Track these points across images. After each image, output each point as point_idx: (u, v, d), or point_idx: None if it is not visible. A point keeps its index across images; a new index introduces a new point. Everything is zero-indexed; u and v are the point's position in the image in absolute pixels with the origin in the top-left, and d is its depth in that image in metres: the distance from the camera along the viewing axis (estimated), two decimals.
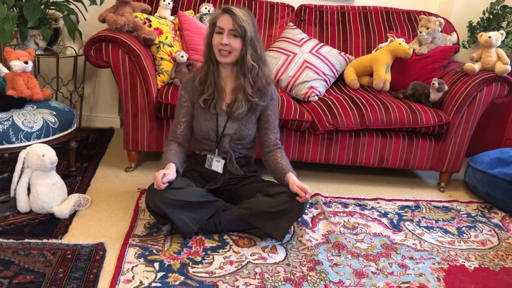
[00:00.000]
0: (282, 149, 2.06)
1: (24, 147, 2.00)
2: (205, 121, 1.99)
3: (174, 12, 2.73)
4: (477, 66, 2.55)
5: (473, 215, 2.42)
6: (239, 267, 1.78)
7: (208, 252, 1.85)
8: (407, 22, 3.06)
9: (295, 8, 3.03)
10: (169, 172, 1.82)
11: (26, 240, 1.79)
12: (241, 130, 2.01)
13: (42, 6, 2.49)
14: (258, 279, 1.72)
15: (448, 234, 2.19)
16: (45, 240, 1.81)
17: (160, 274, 1.68)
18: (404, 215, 2.33)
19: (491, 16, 3.02)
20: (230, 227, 1.96)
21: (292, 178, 1.90)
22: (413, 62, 2.78)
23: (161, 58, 2.45)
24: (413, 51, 2.77)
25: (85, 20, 2.74)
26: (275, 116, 2.07)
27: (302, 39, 2.81)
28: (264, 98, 2.00)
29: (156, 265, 1.73)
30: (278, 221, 1.89)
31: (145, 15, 2.51)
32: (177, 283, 1.65)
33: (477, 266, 1.96)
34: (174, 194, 1.82)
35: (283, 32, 2.89)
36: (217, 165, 2.03)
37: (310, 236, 2.04)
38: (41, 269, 1.63)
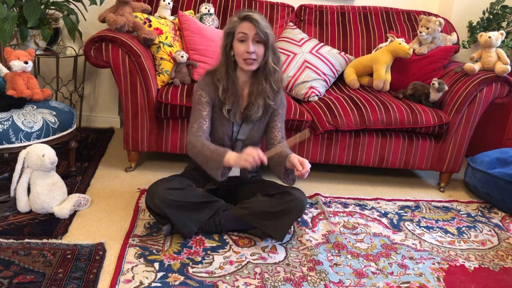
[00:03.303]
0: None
1: (24, 147, 2.00)
2: (220, 127, 1.96)
3: (174, 12, 2.73)
4: (477, 66, 2.55)
5: (473, 215, 2.42)
6: (239, 267, 1.78)
7: (208, 252, 1.85)
8: (407, 22, 3.06)
9: (295, 8, 3.03)
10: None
11: (26, 240, 1.79)
12: (253, 136, 1.99)
13: (42, 6, 2.49)
14: (258, 279, 1.72)
15: (448, 234, 2.19)
16: (45, 240, 1.81)
17: (160, 274, 1.68)
18: (404, 215, 2.33)
19: (491, 16, 3.02)
20: (230, 227, 1.96)
21: (294, 154, 1.80)
22: (413, 62, 2.78)
23: (161, 58, 2.45)
24: (413, 51, 2.77)
25: (85, 20, 2.74)
26: (282, 121, 2.03)
27: (302, 39, 2.80)
28: (277, 100, 1.97)
29: (156, 265, 1.73)
30: (278, 221, 1.89)
31: (145, 15, 2.51)
32: (177, 283, 1.65)
33: (477, 266, 1.96)
34: (174, 194, 1.82)
35: (283, 32, 2.89)
36: (234, 170, 1.96)
37: (310, 236, 2.04)
38: (41, 269, 1.63)
